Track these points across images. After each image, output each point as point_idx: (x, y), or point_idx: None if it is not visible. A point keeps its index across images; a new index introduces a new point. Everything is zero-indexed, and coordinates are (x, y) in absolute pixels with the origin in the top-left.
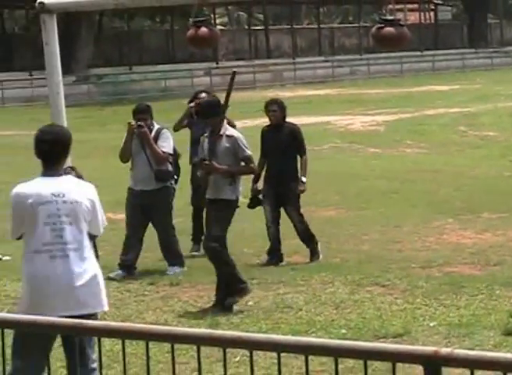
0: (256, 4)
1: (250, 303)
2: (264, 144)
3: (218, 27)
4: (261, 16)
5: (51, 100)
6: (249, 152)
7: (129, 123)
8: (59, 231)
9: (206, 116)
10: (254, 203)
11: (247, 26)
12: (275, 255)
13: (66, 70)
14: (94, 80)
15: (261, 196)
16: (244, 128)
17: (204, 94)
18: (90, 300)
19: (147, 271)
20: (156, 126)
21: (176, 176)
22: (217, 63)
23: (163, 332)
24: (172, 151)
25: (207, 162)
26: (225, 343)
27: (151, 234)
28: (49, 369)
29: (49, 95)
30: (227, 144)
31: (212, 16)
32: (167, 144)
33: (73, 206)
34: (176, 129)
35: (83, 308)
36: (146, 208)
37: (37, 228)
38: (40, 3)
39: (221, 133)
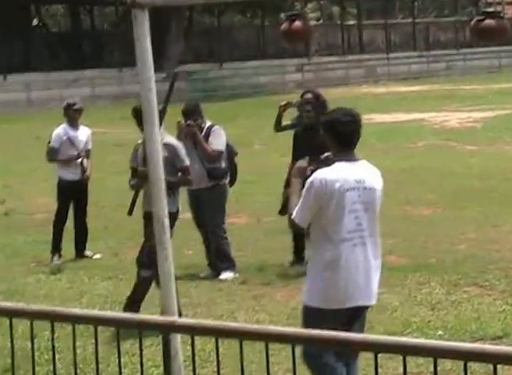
0: None
1: None
2: (297, 146)
3: (311, 22)
4: (354, 11)
5: (143, 96)
6: (187, 162)
7: (178, 122)
8: (359, 219)
9: (141, 122)
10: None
11: (339, 21)
12: None
13: (156, 67)
14: (184, 76)
15: None
16: None
17: (309, 95)
18: (375, 290)
19: (238, 270)
20: (207, 124)
21: (230, 174)
22: (309, 59)
23: (257, 331)
24: (223, 149)
25: (142, 169)
26: (320, 343)
27: (240, 233)
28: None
29: (141, 92)
30: (165, 153)
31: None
32: (217, 141)
33: (371, 193)
34: (277, 130)
35: (373, 298)
36: (200, 207)
37: (343, 215)
38: None
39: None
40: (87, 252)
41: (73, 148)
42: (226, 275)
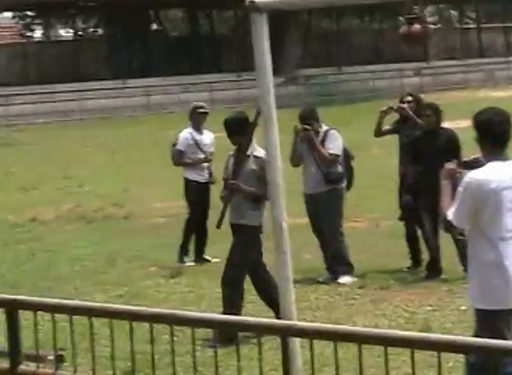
0: (467, 2)
1: (463, 308)
2: (416, 151)
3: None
4: (472, 14)
5: (261, 100)
6: None
7: (295, 127)
8: None
9: (231, 133)
10: (406, 216)
11: (458, 25)
12: (435, 269)
13: (275, 71)
14: (302, 81)
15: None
16: (457, 129)
17: (410, 98)
18: None
19: (357, 275)
20: (324, 128)
21: (346, 178)
22: (427, 63)
23: (375, 335)
24: (339, 153)
25: (232, 182)
26: (439, 347)
27: (359, 237)
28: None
29: (259, 96)
30: (254, 166)
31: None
32: (333, 145)
33: None
34: (377, 135)
35: None
36: (317, 212)
37: (501, 215)
38: (251, 2)
39: (248, 153)
40: (207, 256)
41: (199, 152)
42: (345, 279)
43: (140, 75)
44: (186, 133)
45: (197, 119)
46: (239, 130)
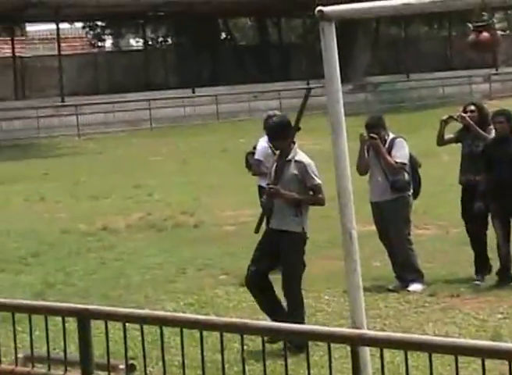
0: None
1: None
2: (489, 158)
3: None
4: None
5: (329, 108)
6: (318, 181)
7: (361, 135)
8: None
9: (273, 138)
10: (479, 222)
11: None
12: (506, 276)
13: (343, 79)
14: (370, 88)
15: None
16: None
17: (472, 107)
18: None
19: (427, 282)
20: (390, 136)
21: (412, 186)
22: (496, 69)
23: (445, 344)
24: (406, 161)
25: (272, 186)
26: (510, 355)
27: (429, 244)
28: None
29: (327, 103)
30: (295, 171)
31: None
32: (400, 153)
33: None
34: (439, 143)
35: None
36: (384, 220)
37: None
38: (320, 11)
39: (289, 157)
40: None
41: None
42: (415, 287)
43: (209, 84)
44: (264, 143)
45: None
46: (280, 134)
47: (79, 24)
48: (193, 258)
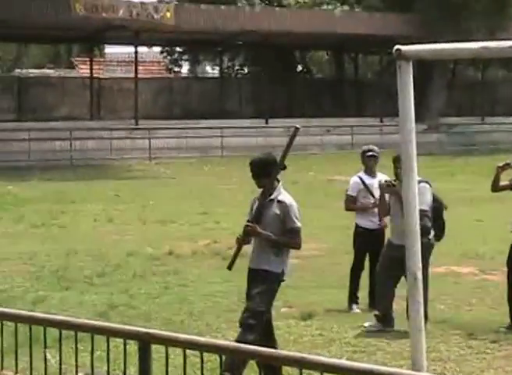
0: None
1: None
2: None
3: None
4: None
5: (402, 147)
6: (298, 224)
7: (379, 182)
8: None
9: (257, 175)
10: None
11: None
12: None
13: (418, 118)
14: (444, 129)
15: None
16: None
17: None
18: None
19: (491, 329)
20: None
21: (435, 231)
22: None
23: None
24: (427, 208)
25: (249, 224)
26: None
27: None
28: None
29: (400, 142)
30: (277, 211)
31: None
32: (421, 200)
33: None
34: (494, 189)
35: None
36: (400, 262)
37: None
38: (398, 50)
39: (272, 197)
40: None
41: (370, 196)
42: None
43: (282, 115)
44: (356, 178)
45: (367, 162)
46: (263, 172)
47: (157, 48)
48: None
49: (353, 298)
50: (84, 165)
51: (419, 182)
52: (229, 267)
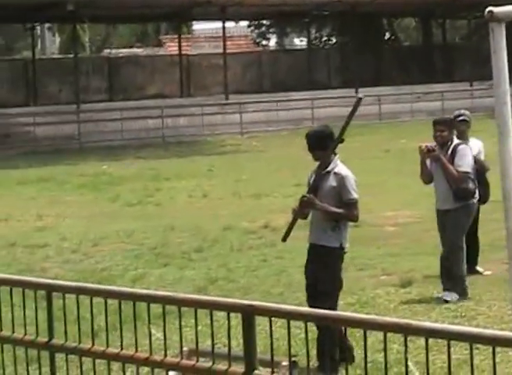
0: None
1: None
2: None
3: None
4: None
5: (496, 110)
6: (355, 196)
7: (419, 147)
8: None
9: (312, 147)
10: None
11: None
12: None
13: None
14: None
15: None
16: None
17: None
18: None
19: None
20: (455, 142)
21: (479, 193)
22: None
23: None
24: (469, 169)
25: (306, 195)
26: None
27: None
28: None
29: (495, 105)
30: (333, 183)
31: None
32: (463, 162)
33: None
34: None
35: None
36: (445, 228)
37: None
38: (490, 11)
39: (329, 169)
40: (479, 268)
41: None
42: (449, 296)
43: (371, 84)
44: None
45: (458, 127)
46: (319, 145)
47: (244, 23)
48: (354, 258)
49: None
50: (177, 142)
51: (459, 144)
52: (284, 239)
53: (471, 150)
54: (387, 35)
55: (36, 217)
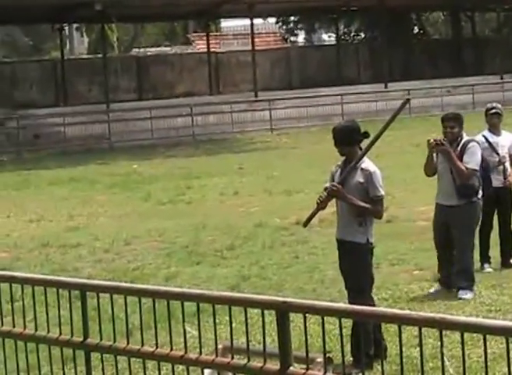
0: None
1: None
2: None
3: None
4: None
5: None
6: (382, 192)
7: (428, 141)
8: None
9: (339, 142)
10: None
11: None
12: None
13: None
14: None
15: None
16: None
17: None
18: None
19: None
20: (464, 138)
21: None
22: None
23: None
24: (477, 167)
25: (335, 185)
26: None
27: None
28: None
29: None
30: (360, 179)
31: None
32: (471, 159)
33: None
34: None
35: None
36: (449, 225)
37: None
38: None
39: (356, 164)
40: None
41: (495, 154)
42: (466, 295)
43: (401, 78)
44: (481, 136)
45: (490, 120)
46: (346, 139)
47: (272, 19)
48: (387, 253)
49: (484, 258)
50: (207, 140)
51: (468, 142)
52: (305, 225)
53: (480, 148)
54: (416, 29)
55: (68, 217)
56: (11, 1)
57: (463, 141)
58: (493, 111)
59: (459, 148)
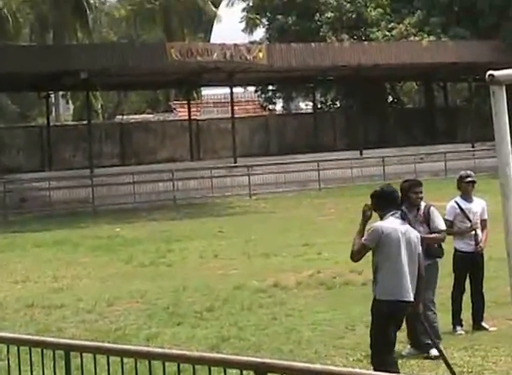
0: None
1: None
2: None
3: None
4: None
5: (500, 171)
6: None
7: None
8: None
9: (379, 207)
10: None
11: None
12: None
13: None
14: None
15: None
16: None
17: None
18: None
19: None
20: (423, 204)
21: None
22: None
23: None
24: (443, 227)
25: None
26: None
27: None
28: None
29: (498, 166)
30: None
31: None
32: (440, 222)
33: None
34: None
35: None
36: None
37: None
38: (490, 75)
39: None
40: (484, 324)
41: (466, 220)
42: (434, 352)
43: (376, 145)
44: (453, 202)
45: (466, 188)
46: (375, 204)
47: (251, 88)
48: (362, 315)
49: (456, 320)
50: (187, 204)
51: (429, 206)
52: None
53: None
54: (390, 98)
55: (52, 279)
56: None
57: (425, 206)
58: (469, 179)
59: (421, 213)
